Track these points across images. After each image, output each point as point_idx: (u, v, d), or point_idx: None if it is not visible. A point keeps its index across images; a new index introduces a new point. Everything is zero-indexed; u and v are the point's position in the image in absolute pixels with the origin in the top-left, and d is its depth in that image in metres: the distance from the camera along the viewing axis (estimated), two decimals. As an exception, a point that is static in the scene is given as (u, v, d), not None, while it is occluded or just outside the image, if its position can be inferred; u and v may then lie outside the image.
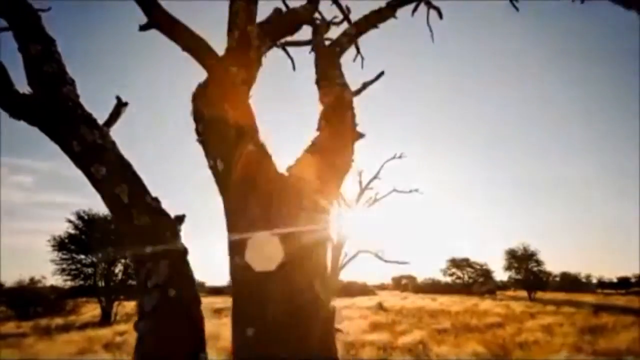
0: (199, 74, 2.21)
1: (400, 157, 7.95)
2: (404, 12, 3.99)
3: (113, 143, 2.21)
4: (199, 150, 1.94)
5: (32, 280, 23.47)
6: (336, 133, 1.91)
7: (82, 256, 21.05)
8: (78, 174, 2.31)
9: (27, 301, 20.66)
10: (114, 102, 2.59)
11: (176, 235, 2.03)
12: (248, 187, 1.64)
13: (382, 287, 53.07)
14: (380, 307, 22.61)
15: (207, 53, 1.75)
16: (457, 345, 10.61)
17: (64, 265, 20.90)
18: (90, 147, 2.06)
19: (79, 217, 21.33)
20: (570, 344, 9.84)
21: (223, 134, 1.81)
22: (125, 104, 2.52)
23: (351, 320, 16.37)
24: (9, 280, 25.28)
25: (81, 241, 20.94)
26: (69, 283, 21.35)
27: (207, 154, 1.93)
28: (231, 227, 1.66)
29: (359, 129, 2.11)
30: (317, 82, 2.46)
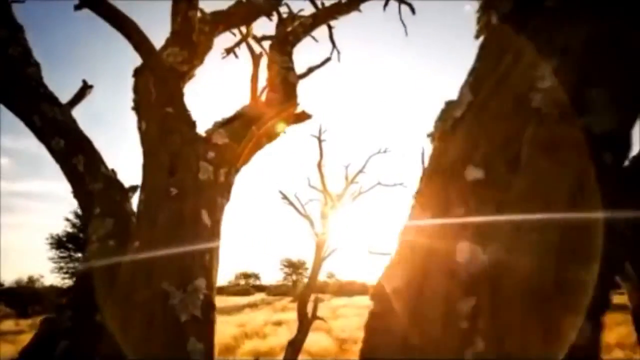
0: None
1: (385, 151, 8.15)
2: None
3: (73, 120, 2.42)
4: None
5: (30, 279, 23.76)
6: (266, 105, 2.13)
7: (80, 255, 21.30)
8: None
9: (26, 299, 20.89)
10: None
11: (126, 200, 2.25)
12: (160, 141, 1.88)
13: (382, 288, 52.84)
14: (377, 306, 22.74)
15: (138, 34, 1.96)
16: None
17: (62, 264, 21.17)
18: (51, 122, 2.27)
19: (77, 215, 21.61)
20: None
21: (149, 101, 2.06)
22: (90, 87, 2.73)
23: (346, 317, 16.50)
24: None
25: (79, 240, 21.19)
26: (67, 282, 21.60)
27: (138, 119, 2.18)
28: (145, 169, 1.93)
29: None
30: (268, 66, 2.67)
